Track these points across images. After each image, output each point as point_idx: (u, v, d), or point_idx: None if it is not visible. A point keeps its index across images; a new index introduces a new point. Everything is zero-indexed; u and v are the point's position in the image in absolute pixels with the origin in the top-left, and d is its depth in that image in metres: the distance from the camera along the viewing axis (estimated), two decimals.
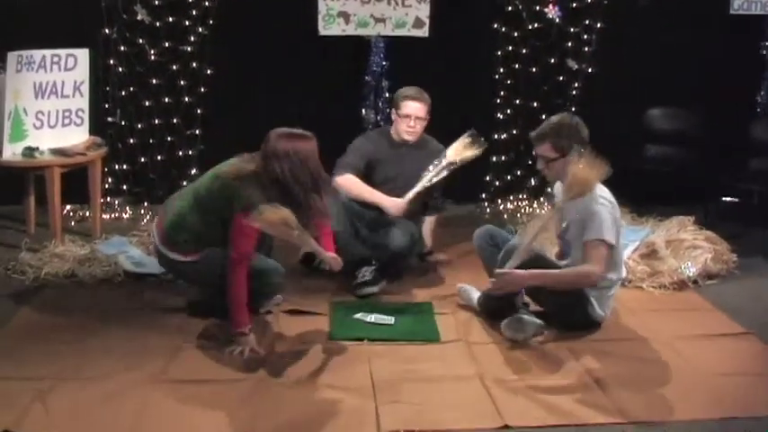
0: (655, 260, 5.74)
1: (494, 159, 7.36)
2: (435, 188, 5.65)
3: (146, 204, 7.03)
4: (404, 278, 5.66)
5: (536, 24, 7.20)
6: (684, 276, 5.62)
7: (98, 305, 5.08)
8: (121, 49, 6.76)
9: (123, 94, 6.85)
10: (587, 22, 7.21)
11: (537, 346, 4.63)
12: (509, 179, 7.45)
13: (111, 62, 6.77)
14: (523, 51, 7.23)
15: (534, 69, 7.28)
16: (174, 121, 6.93)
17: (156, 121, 6.90)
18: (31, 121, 6.05)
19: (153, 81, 6.86)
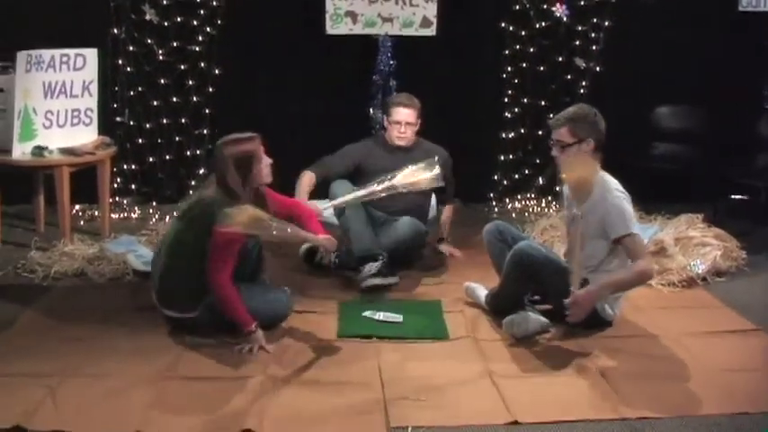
0: (663, 258, 5.73)
1: (501, 158, 7.37)
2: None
3: (154, 204, 7.05)
4: (413, 276, 5.67)
5: (543, 23, 7.20)
6: (693, 274, 5.61)
7: (107, 303, 5.09)
8: (130, 48, 6.79)
9: (132, 93, 6.87)
10: (595, 20, 7.20)
11: (545, 343, 4.63)
12: (517, 178, 7.44)
13: (120, 62, 6.79)
14: (531, 50, 7.23)
15: (542, 68, 7.27)
16: (183, 120, 6.94)
17: (165, 121, 6.92)
18: (40, 120, 6.06)
19: (161, 81, 6.88)
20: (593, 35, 7.24)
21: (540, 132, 7.14)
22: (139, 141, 6.89)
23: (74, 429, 3.67)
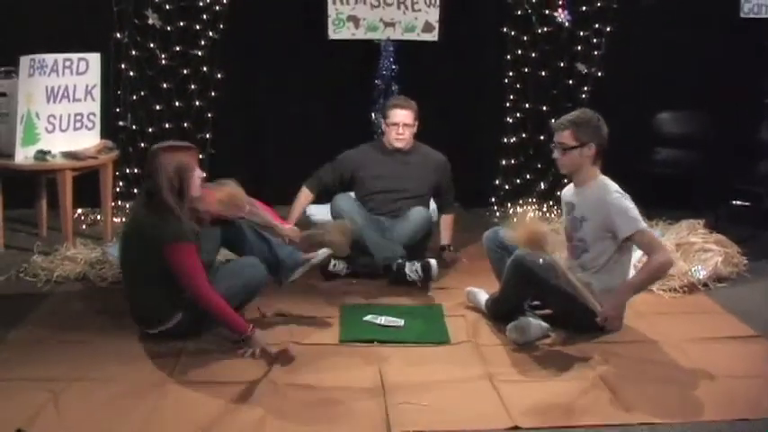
0: None
1: (503, 163, 7.36)
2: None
3: None
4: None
5: (545, 28, 7.19)
6: (694, 279, 5.62)
7: (109, 307, 5.09)
8: (133, 53, 6.79)
9: (134, 98, 6.86)
10: (597, 25, 7.20)
11: (545, 348, 4.64)
12: (518, 183, 7.44)
13: (123, 66, 6.79)
14: (533, 55, 7.23)
15: (543, 73, 7.27)
16: (185, 125, 6.94)
17: (167, 125, 6.91)
18: (43, 124, 6.07)
19: (164, 85, 6.88)
20: (594, 40, 7.24)
21: (542, 137, 7.14)
22: (142, 145, 6.87)
23: None
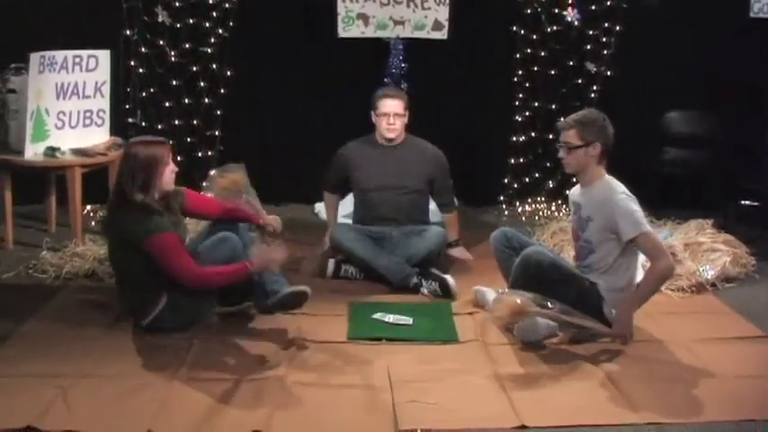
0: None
1: (512, 162, 7.37)
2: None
3: None
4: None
5: (555, 27, 7.19)
6: (702, 279, 5.61)
7: (117, 304, 5.09)
8: (142, 50, 6.81)
9: (144, 95, 6.89)
10: (606, 24, 7.20)
11: (553, 347, 4.64)
12: (527, 181, 7.44)
13: (132, 63, 6.82)
14: (542, 54, 7.23)
15: (553, 72, 7.28)
16: (194, 122, 6.96)
17: (176, 122, 6.93)
18: (52, 121, 6.09)
19: (173, 82, 6.90)
20: (604, 39, 7.24)
21: (551, 136, 7.12)
22: None
23: (86, 429, 3.69)
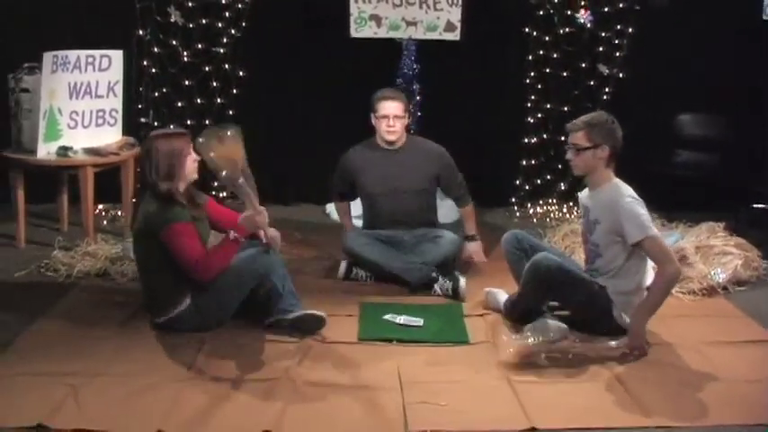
0: (684, 266, 5.67)
1: (524, 163, 7.36)
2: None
3: None
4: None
5: (567, 29, 7.18)
6: (714, 282, 5.59)
7: (128, 303, 5.12)
8: (155, 50, 6.82)
9: (156, 95, 6.90)
10: (619, 26, 7.18)
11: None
12: (539, 183, 7.43)
13: (145, 63, 6.83)
14: (554, 56, 7.22)
15: (565, 74, 7.26)
16: (207, 122, 6.97)
17: (189, 122, 6.94)
18: (65, 120, 6.11)
19: (185, 82, 6.91)
20: (616, 41, 7.22)
21: (563, 138, 7.08)
22: None
23: (96, 428, 3.71)
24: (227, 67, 6.94)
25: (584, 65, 7.26)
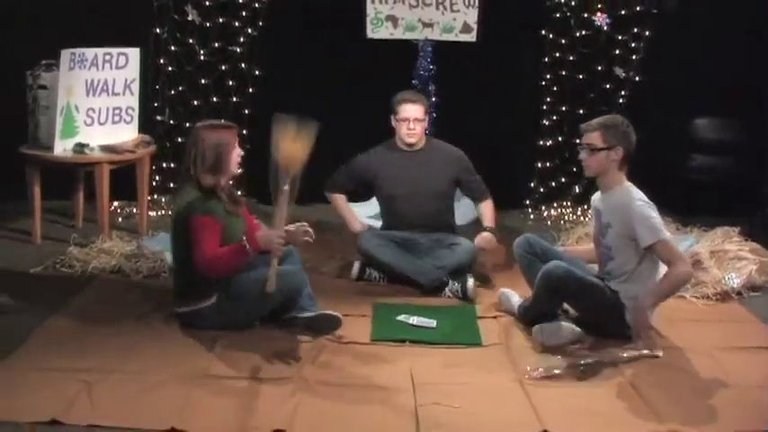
0: (698, 270, 5.67)
1: (539, 165, 7.36)
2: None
3: None
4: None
5: (584, 31, 7.17)
6: (728, 287, 5.57)
7: (143, 300, 5.15)
8: (171, 48, 6.85)
9: (172, 93, 6.93)
10: (635, 29, 7.17)
11: (576, 353, 4.62)
12: (553, 186, 7.43)
13: (162, 61, 6.86)
14: (570, 58, 7.21)
15: (581, 76, 7.24)
16: (222, 121, 6.97)
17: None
18: (82, 117, 6.14)
19: (202, 81, 6.94)
20: (633, 45, 7.20)
21: (578, 140, 7.09)
22: (179, 140, 6.93)
23: (110, 424, 3.72)
24: (243, 65, 6.96)
25: (600, 68, 7.24)
